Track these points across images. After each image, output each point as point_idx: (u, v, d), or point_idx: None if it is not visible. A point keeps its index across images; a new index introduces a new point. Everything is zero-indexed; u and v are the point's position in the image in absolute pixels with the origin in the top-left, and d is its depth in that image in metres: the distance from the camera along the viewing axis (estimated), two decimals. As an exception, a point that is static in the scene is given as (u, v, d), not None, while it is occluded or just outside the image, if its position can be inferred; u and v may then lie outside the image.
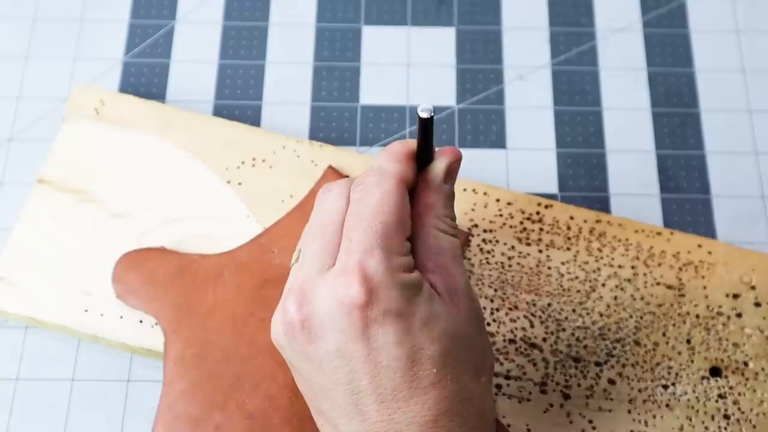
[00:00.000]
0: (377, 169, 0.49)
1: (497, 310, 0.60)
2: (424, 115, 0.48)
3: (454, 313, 0.47)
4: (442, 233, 0.49)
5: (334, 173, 0.63)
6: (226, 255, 0.61)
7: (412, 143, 0.50)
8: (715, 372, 0.59)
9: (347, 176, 0.63)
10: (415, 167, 0.50)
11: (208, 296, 0.59)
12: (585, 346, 0.59)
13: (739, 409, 0.57)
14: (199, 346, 0.58)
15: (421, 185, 0.50)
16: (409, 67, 0.71)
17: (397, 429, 0.45)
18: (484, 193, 0.63)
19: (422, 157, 0.50)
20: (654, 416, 0.57)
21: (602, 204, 0.66)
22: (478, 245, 0.62)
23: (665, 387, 0.58)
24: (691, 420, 0.57)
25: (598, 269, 0.61)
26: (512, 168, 0.67)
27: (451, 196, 0.51)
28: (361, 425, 0.46)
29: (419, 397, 0.45)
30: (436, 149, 0.51)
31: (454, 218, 0.51)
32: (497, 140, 0.68)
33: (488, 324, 0.59)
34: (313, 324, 0.46)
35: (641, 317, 0.60)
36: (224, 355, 0.58)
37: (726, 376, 0.58)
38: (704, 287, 0.61)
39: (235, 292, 0.60)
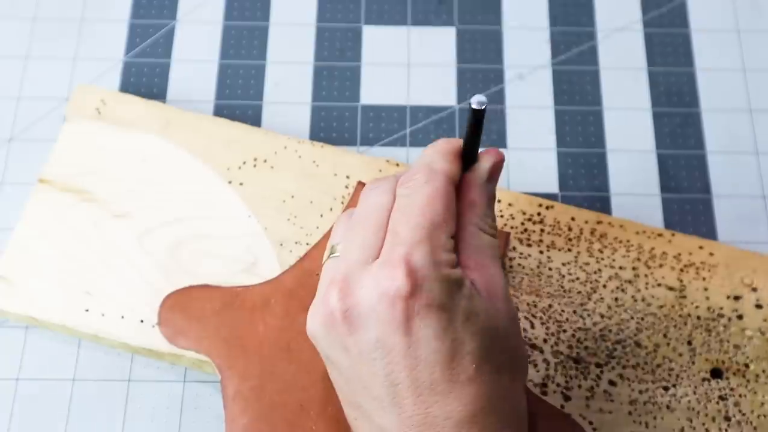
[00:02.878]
0: (426, 166, 0.49)
1: (498, 311, 0.60)
2: (476, 106, 0.48)
3: (493, 311, 0.47)
4: (483, 233, 0.50)
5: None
6: (271, 284, 0.60)
7: (458, 142, 0.50)
8: (716, 374, 0.59)
9: None
10: (461, 165, 0.50)
11: (258, 327, 0.59)
12: (586, 348, 0.59)
13: (739, 410, 0.57)
14: (256, 378, 0.57)
15: (466, 184, 0.50)
16: (410, 67, 0.71)
17: (433, 423, 0.45)
18: (485, 194, 0.63)
19: (468, 153, 0.50)
20: (654, 417, 0.57)
21: (603, 204, 0.66)
22: (479, 246, 0.62)
23: (666, 388, 0.58)
24: (691, 421, 0.57)
25: (599, 270, 0.61)
26: (512, 168, 0.67)
27: (493, 197, 0.51)
28: (397, 418, 0.46)
29: (457, 392, 0.45)
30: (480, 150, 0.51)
31: (494, 219, 0.51)
32: (498, 140, 0.68)
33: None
34: (355, 314, 0.47)
35: (642, 318, 0.60)
36: (284, 385, 0.57)
37: (727, 378, 0.58)
38: (705, 289, 0.61)
39: (285, 320, 0.59)
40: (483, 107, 0.48)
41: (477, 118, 0.49)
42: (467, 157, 0.51)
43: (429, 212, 0.47)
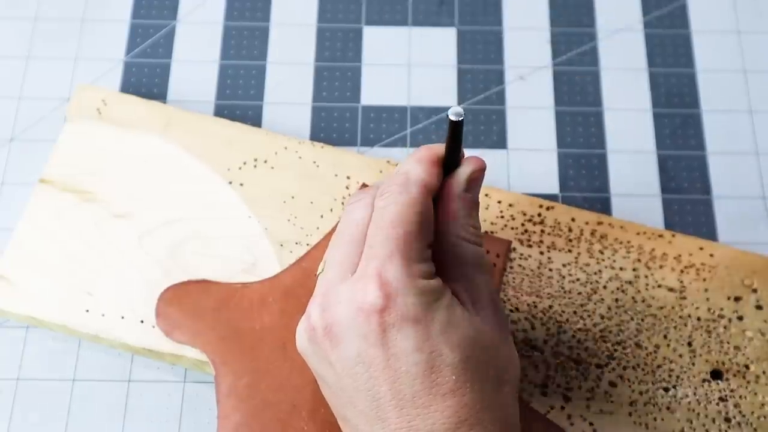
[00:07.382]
0: (403, 175, 0.49)
1: (498, 311, 0.60)
2: (453, 118, 0.48)
3: (476, 321, 0.48)
4: (465, 242, 0.49)
5: None
6: (269, 282, 0.60)
7: (438, 149, 0.50)
8: (716, 375, 0.59)
9: None
10: (440, 173, 0.50)
11: (254, 325, 0.59)
12: (586, 348, 0.59)
13: (740, 412, 0.57)
14: (250, 375, 0.57)
15: (445, 194, 0.50)
16: (410, 67, 0.71)
17: None
18: (486, 195, 0.63)
19: (449, 162, 0.50)
20: (655, 419, 0.57)
21: (603, 204, 0.66)
22: (480, 247, 0.62)
23: (666, 389, 0.58)
24: (691, 423, 0.57)
25: (600, 271, 0.61)
26: (513, 168, 0.67)
27: (475, 205, 0.51)
28: (382, 431, 0.46)
29: (438, 404, 0.45)
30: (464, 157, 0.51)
31: (478, 227, 0.51)
32: (498, 141, 0.68)
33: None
34: (335, 330, 0.47)
35: (642, 319, 0.60)
36: (278, 384, 0.57)
37: (727, 379, 0.58)
38: (705, 290, 0.61)
39: (282, 319, 0.59)
40: (460, 119, 0.48)
41: (454, 130, 0.49)
42: (449, 164, 0.51)
43: (402, 223, 0.47)
